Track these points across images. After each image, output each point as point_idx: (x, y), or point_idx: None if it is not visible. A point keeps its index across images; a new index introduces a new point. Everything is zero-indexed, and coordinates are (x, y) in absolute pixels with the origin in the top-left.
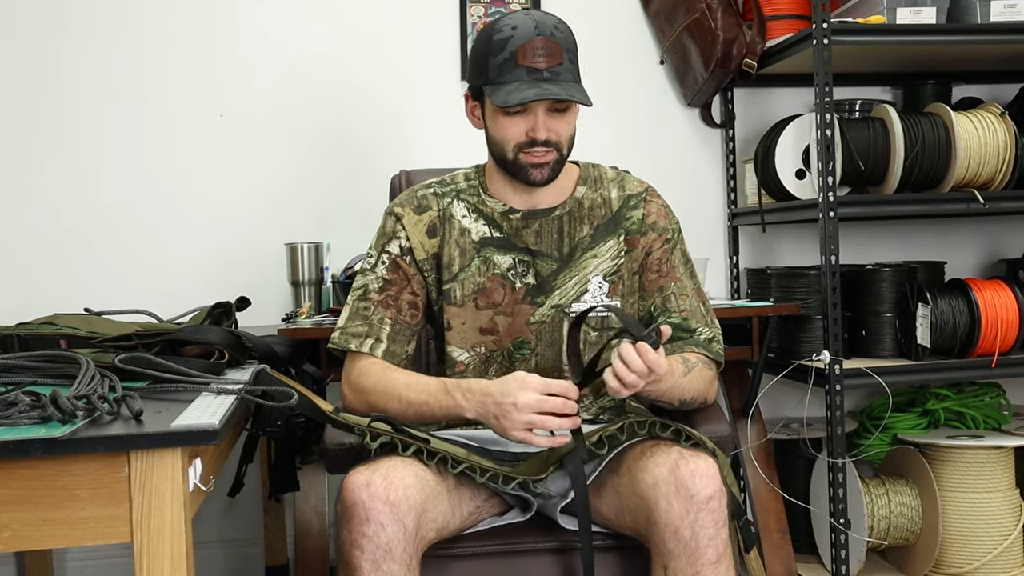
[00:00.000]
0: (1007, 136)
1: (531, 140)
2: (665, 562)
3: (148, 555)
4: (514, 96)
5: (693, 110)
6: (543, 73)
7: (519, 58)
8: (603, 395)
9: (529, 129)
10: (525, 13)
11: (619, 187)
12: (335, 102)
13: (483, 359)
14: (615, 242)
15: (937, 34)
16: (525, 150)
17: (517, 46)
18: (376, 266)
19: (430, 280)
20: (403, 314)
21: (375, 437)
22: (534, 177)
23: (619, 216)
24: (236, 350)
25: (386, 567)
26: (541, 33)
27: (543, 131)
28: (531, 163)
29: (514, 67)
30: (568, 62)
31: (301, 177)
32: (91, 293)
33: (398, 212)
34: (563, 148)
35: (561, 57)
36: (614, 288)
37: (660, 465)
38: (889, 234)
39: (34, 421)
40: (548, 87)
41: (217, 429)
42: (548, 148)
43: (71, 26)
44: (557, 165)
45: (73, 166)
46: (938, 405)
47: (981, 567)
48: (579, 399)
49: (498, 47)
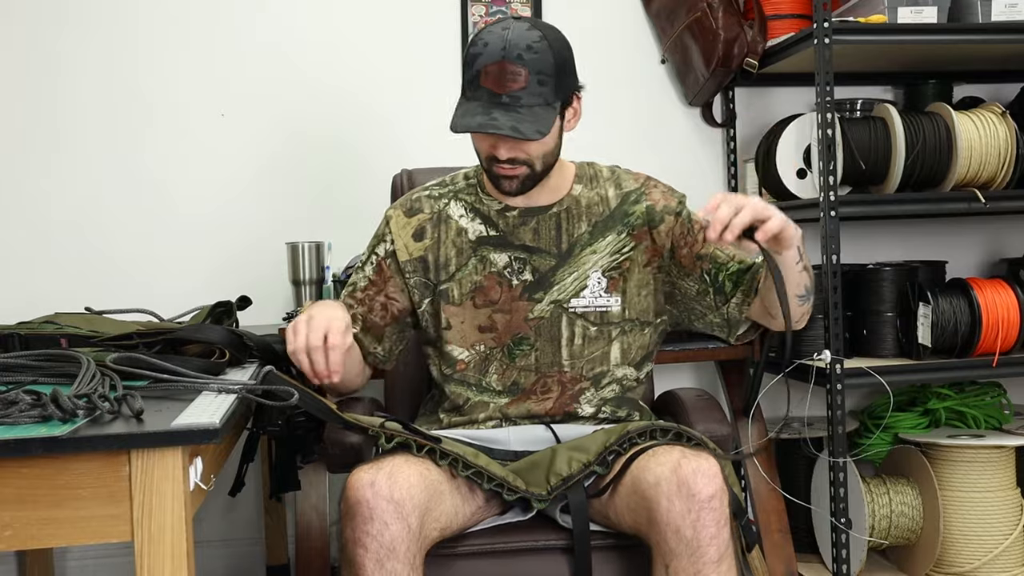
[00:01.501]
0: (1008, 135)
1: (495, 156)
2: (666, 561)
3: (149, 554)
4: (460, 122)
5: (694, 109)
6: (501, 98)
7: (481, 79)
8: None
9: (490, 146)
10: (503, 28)
11: (615, 185)
12: (337, 100)
13: (483, 357)
14: (615, 237)
15: (938, 33)
16: (495, 164)
17: (482, 66)
18: (366, 266)
19: (412, 282)
20: (374, 314)
21: (390, 438)
22: (504, 188)
23: (618, 212)
24: (237, 349)
25: (390, 566)
26: (507, 57)
27: (504, 151)
28: (501, 175)
29: (477, 87)
30: (536, 84)
31: (302, 176)
32: (92, 292)
33: (389, 214)
34: (535, 164)
35: (525, 82)
36: (613, 283)
37: (662, 464)
38: (890, 233)
39: (35, 420)
40: (497, 116)
41: (218, 428)
42: (514, 165)
43: (70, 26)
44: (528, 180)
45: (74, 165)
46: (939, 404)
47: (982, 566)
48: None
49: (469, 62)
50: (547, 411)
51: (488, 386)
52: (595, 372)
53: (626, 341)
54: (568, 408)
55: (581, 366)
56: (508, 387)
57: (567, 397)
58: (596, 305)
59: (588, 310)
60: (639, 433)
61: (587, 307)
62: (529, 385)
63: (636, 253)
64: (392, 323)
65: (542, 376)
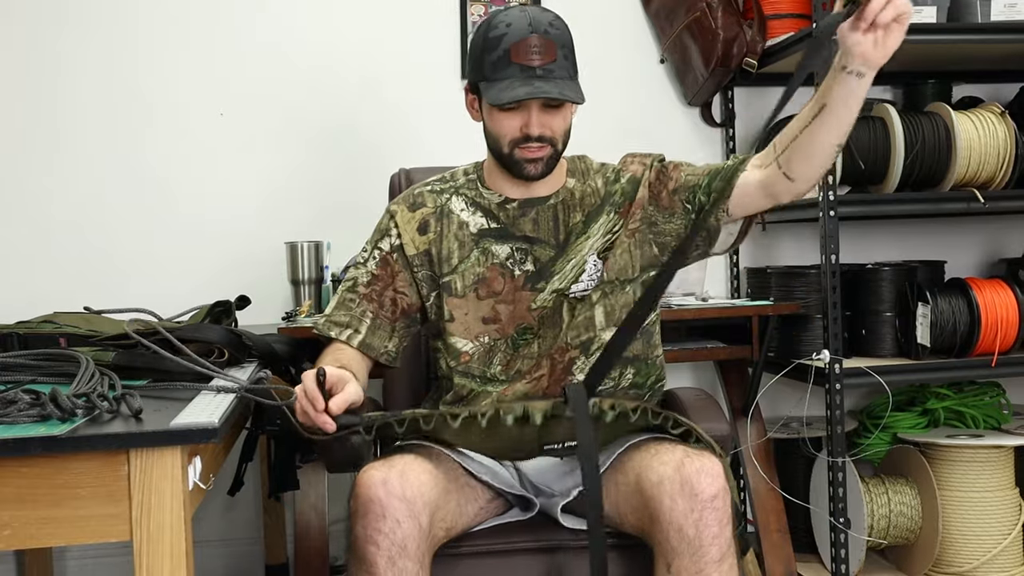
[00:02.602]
0: (1007, 135)
1: (525, 136)
2: (668, 560)
3: (148, 553)
4: (506, 94)
5: (693, 109)
6: (536, 71)
7: (512, 56)
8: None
9: (523, 125)
10: (521, 10)
11: (603, 176)
12: (335, 101)
13: (487, 348)
14: (605, 219)
15: (938, 33)
16: (520, 145)
17: (511, 44)
18: (367, 261)
19: (420, 276)
20: (384, 309)
21: (369, 429)
22: (528, 172)
23: (606, 196)
24: (236, 349)
25: (401, 564)
26: (535, 31)
27: (536, 127)
28: (525, 158)
29: (508, 65)
30: (563, 59)
31: (301, 176)
32: (91, 291)
33: (393, 209)
34: (557, 143)
35: (555, 54)
36: (606, 264)
37: (665, 463)
38: (889, 233)
39: (34, 419)
40: (540, 85)
41: (217, 427)
42: (542, 144)
43: (70, 26)
44: (551, 160)
45: (73, 165)
46: (938, 404)
47: (981, 566)
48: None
49: (493, 44)
50: (543, 391)
51: (493, 376)
52: (582, 340)
53: (608, 304)
54: (563, 382)
55: (570, 338)
56: (511, 375)
57: (559, 372)
58: (593, 286)
59: (587, 292)
60: (653, 412)
61: (585, 290)
62: (527, 369)
63: (623, 227)
64: (401, 318)
65: (540, 358)
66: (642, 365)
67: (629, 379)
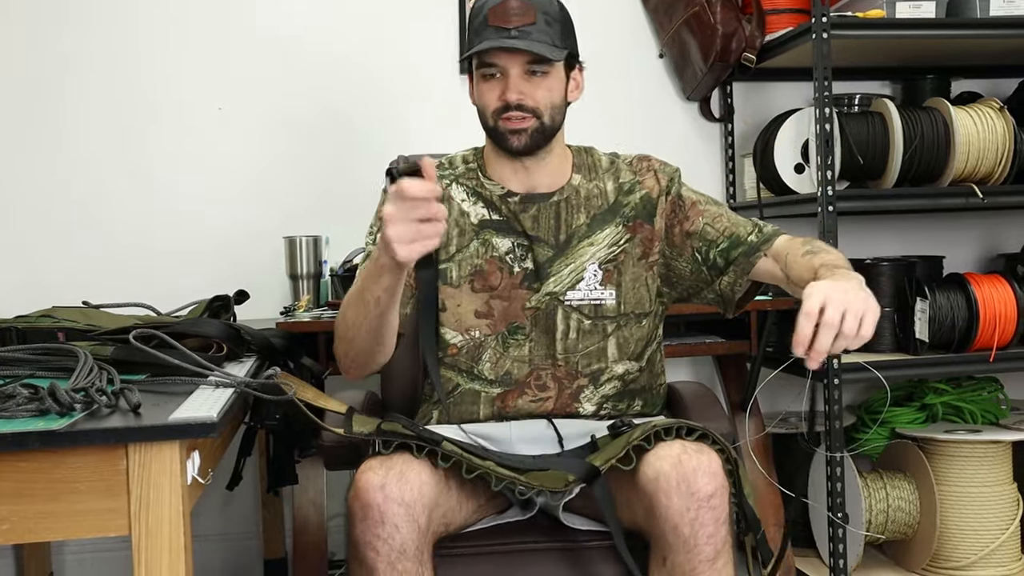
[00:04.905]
0: (1006, 131)
1: (505, 104)
2: (664, 553)
3: (146, 548)
4: (472, 50)
5: (692, 104)
6: (511, 32)
7: (490, 19)
8: None
9: (501, 93)
10: None
11: (614, 178)
12: (333, 95)
13: (477, 343)
14: (612, 229)
15: (936, 28)
16: (502, 116)
17: (489, 8)
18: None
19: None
20: None
21: (387, 444)
22: (512, 144)
23: (616, 205)
24: (234, 343)
25: (401, 566)
26: None
27: (514, 94)
28: (508, 129)
29: (485, 28)
30: (544, 24)
31: (300, 170)
32: (89, 286)
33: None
34: (543, 115)
35: (534, 17)
36: (608, 276)
37: (662, 459)
38: (888, 228)
39: (32, 414)
40: (508, 41)
41: (215, 422)
42: (524, 114)
43: (71, 25)
44: (537, 133)
45: (71, 159)
46: (936, 399)
47: (979, 561)
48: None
49: (476, 13)
50: (548, 411)
51: (480, 374)
52: (592, 369)
53: (622, 336)
54: (569, 408)
55: (576, 361)
56: (500, 377)
57: (566, 397)
58: (591, 298)
59: (583, 303)
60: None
61: (582, 300)
62: (522, 377)
63: (631, 246)
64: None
65: (535, 369)
66: (648, 396)
67: (637, 409)
